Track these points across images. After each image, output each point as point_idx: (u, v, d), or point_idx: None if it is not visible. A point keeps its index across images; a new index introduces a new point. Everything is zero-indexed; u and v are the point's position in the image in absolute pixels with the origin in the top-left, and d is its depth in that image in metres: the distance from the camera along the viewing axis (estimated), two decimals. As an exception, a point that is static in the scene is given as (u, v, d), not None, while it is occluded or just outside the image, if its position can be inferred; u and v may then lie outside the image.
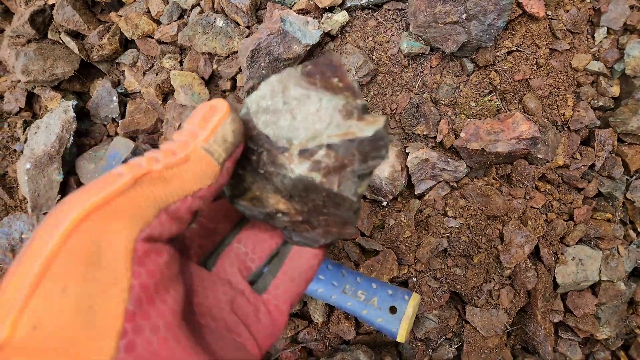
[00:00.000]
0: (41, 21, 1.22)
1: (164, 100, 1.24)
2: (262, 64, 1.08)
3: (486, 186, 1.04)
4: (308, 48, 1.08)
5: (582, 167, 1.09)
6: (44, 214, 1.19)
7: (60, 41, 1.23)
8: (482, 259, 1.05)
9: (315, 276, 0.51)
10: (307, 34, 1.07)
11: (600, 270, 1.11)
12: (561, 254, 1.09)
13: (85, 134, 1.30)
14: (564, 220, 1.10)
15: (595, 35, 1.10)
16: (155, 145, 1.26)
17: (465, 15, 0.99)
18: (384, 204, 1.12)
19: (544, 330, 1.10)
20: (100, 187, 0.26)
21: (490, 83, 1.08)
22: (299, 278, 0.44)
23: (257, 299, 0.42)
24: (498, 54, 1.07)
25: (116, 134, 1.28)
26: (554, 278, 1.10)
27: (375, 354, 1.07)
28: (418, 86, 1.13)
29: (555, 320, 1.13)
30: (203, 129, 0.31)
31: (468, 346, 1.09)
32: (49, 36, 1.23)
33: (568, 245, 1.10)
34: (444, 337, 1.11)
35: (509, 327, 1.09)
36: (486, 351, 1.08)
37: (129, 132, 1.24)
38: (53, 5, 1.21)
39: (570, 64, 1.09)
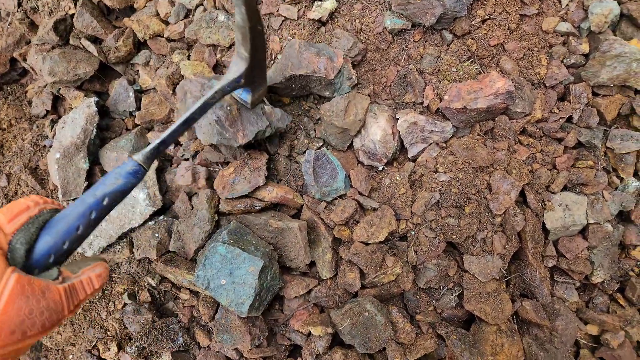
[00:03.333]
0: (63, 28, 1.37)
1: (174, 91, 1.37)
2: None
3: (471, 140, 1.14)
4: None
5: (560, 120, 1.18)
6: (73, 199, 1.31)
7: (81, 46, 1.38)
8: (474, 209, 1.14)
9: None
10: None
11: (587, 215, 1.18)
12: (548, 200, 1.17)
13: (107, 129, 1.43)
14: (548, 169, 1.18)
15: (561, -1, 1.20)
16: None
17: (438, -12, 1.11)
18: (380, 168, 1.22)
19: (539, 275, 1.17)
20: None
21: (468, 50, 1.19)
22: None
23: None
24: (473, 22, 1.18)
25: (134, 126, 1.41)
26: (544, 224, 1.18)
27: (382, 305, 1.16)
28: (404, 59, 1.24)
29: (549, 265, 1.21)
30: None
31: (468, 292, 1.16)
32: (71, 42, 1.38)
33: (554, 193, 1.18)
34: (446, 288, 1.19)
35: (504, 271, 1.17)
36: (485, 295, 1.15)
37: (145, 122, 1.37)
38: (73, 14, 1.36)
39: (541, 27, 1.20)
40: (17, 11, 1.38)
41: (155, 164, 1.33)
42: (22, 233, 0.50)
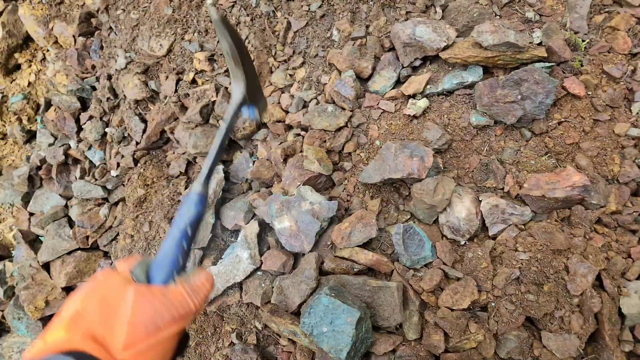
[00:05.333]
0: (206, 112, 1.74)
1: (285, 161, 1.65)
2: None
3: (549, 225, 1.29)
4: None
5: (634, 213, 1.30)
6: (199, 248, 1.59)
7: (217, 125, 1.73)
8: (552, 288, 1.26)
9: None
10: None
11: (664, 304, 1.25)
12: (623, 287, 1.27)
13: (227, 191, 1.74)
14: (623, 258, 1.29)
15: (632, 108, 1.37)
16: (270, 192, 1.66)
17: (520, 96, 1.34)
18: (462, 242, 1.39)
19: (616, 359, 1.24)
20: None
21: (545, 146, 1.38)
22: None
23: None
24: (550, 124, 1.38)
25: (248, 189, 1.71)
26: (620, 308, 1.26)
27: (461, 370, 1.27)
28: (486, 150, 1.45)
29: (626, 350, 1.26)
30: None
31: (545, 368, 1.25)
32: (210, 121, 1.74)
33: (629, 280, 1.28)
34: (523, 361, 1.29)
35: (581, 351, 1.24)
36: (563, 372, 1.23)
37: (255, 178, 1.65)
38: (214, 101, 1.74)
39: (613, 130, 1.36)
40: (173, 95, 1.78)
41: (257, 229, 1.58)
42: (138, 267, 0.67)
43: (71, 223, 2.02)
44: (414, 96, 1.54)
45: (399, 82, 1.61)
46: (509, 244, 1.33)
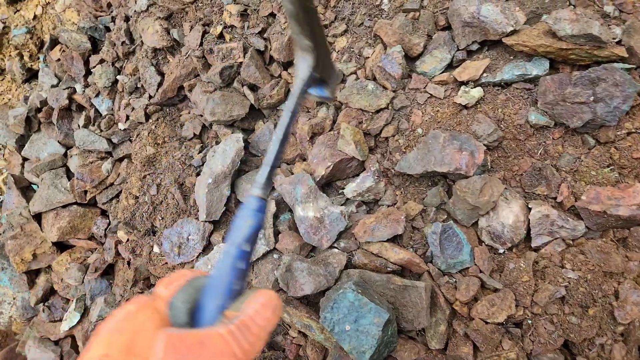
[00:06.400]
0: (227, 74, 1.56)
1: (311, 139, 1.50)
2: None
3: (606, 245, 1.17)
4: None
5: (697, 242, 1.19)
6: (210, 221, 1.45)
7: (241, 91, 1.56)
8: (597, 312, 1.15)
9: None
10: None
11: None
12: (675, 320, 1.16)
13: (244, 162, 1.58)
14: (678, 289, 1.18)
15: None
16: (291, 171, 1.51)
17: (592, 97, 1.19)
18: (501, 251, 1.27)
19: (655, 396, 1.14)
20: None
21: (610, 157, 1.24)
22: None
23: None
24: (619, 133, 1.24)
25: (269, 164, 1.56)
26: (667, 343, 1.16)
27: (486, 388, 1.16)
28: (540, 153, 1.31)
29: (667, 387, 1.17)
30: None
31: (578, 396, 1.15)
32: (234, 85, 1.57)
33: (681, 314, 1.17)
34: (553, 386, 1.19)
35: (620, 383, 1.15)
36: (596, 404, 1.13)
37: None
38: (241, 63, 1.56)
39: (685, 149, 1.23)
40: (197, 49, 1.60)
41: (274, 209, 1.44)
42: (182, 293, 0.52)
43: (69, 174, 1.86)
44: (466, 83, 1.39)
45: (450, 66, 1.46)
46: (554, 259, 1.21)
